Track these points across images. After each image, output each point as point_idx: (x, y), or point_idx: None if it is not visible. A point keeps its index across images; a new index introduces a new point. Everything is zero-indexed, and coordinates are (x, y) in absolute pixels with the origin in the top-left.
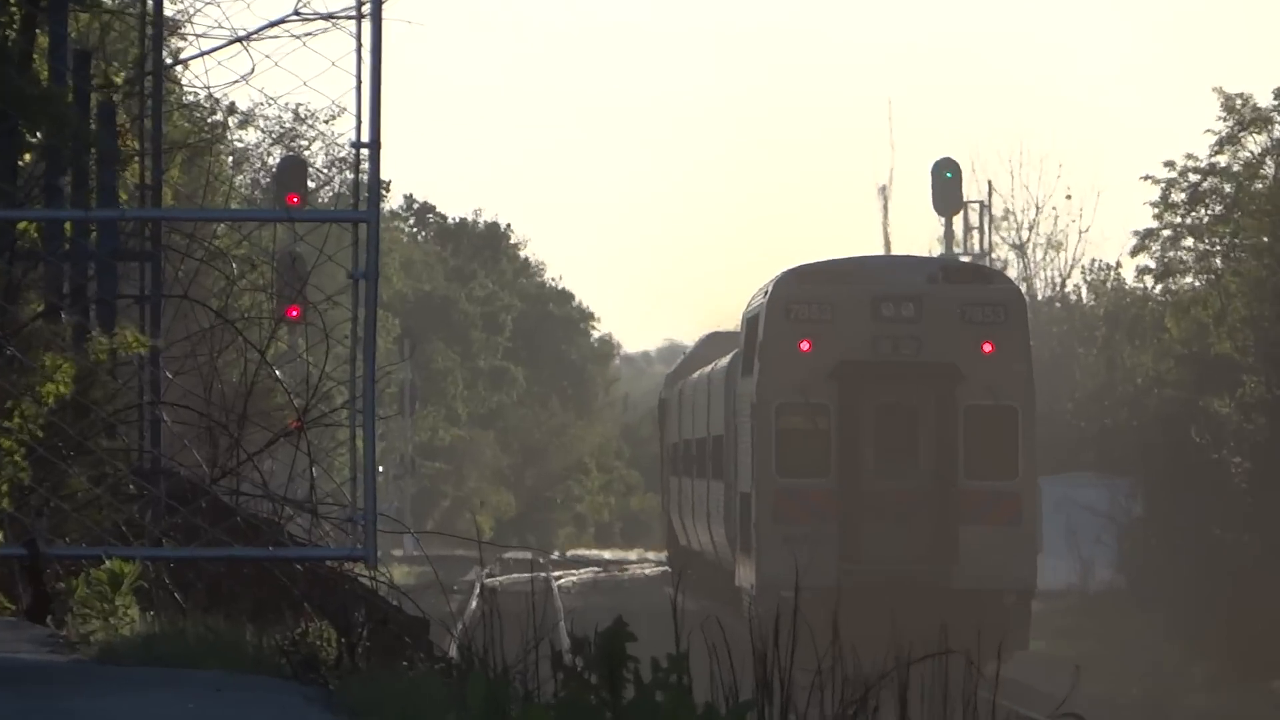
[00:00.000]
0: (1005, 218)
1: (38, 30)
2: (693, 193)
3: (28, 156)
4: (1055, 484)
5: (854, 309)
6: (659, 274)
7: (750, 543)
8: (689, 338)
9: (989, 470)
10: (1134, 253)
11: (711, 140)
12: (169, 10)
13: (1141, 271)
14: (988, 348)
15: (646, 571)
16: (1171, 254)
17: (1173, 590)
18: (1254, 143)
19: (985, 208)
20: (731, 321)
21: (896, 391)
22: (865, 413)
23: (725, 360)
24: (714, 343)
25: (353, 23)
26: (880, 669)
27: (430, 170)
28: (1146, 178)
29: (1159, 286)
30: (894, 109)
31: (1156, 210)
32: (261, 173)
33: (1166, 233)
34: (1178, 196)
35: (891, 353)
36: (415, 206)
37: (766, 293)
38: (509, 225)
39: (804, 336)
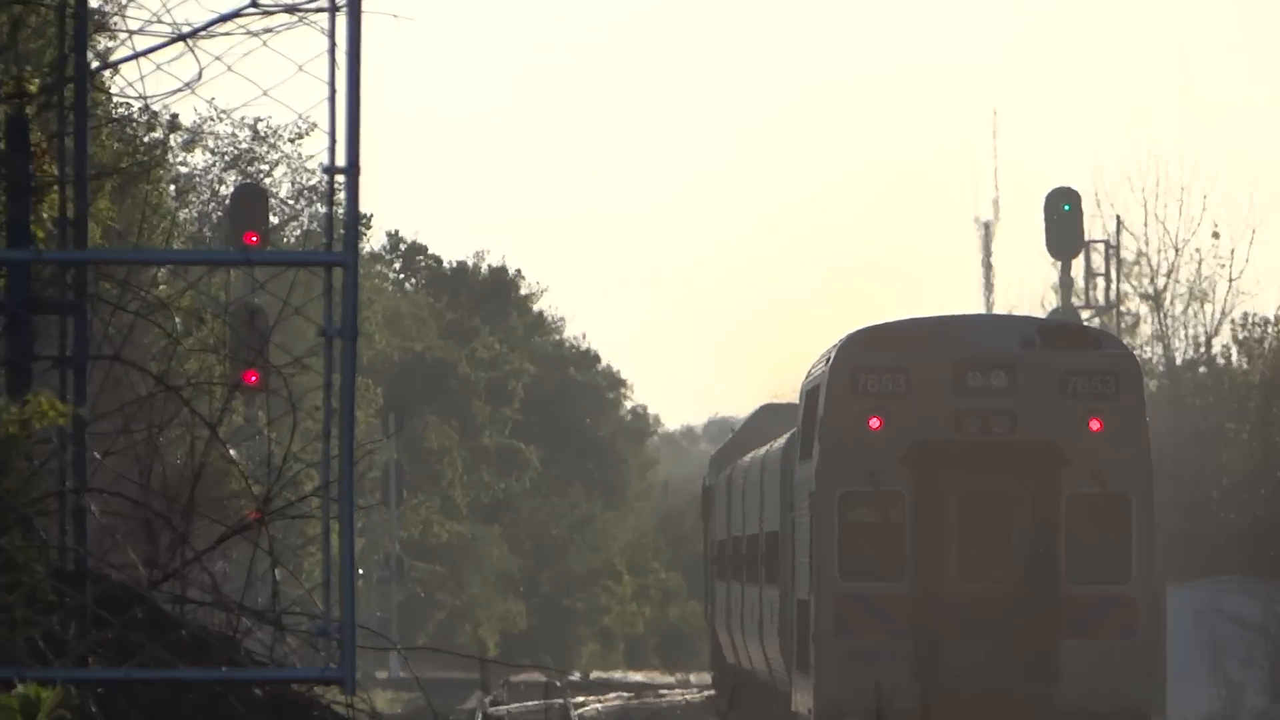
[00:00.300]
0: (1137, 262)
1: None
2: (747, 236)
3: None
4: (1196, 591)
5: (933, 379)
6: (705, 334)
7: (808, 659)
8: (740, 411)
9: (1097, 572)
10: None
11: (770, 171)
12: (96, 1)
13: None
14: (1095, 425)
15: (688, 698)
16: None
17: None
18: None
19: (1112, 249)
20: (791, 393)
21: (985, 478)
22: (947, 503)
23: (782, 440)
24: (768, 417)
25: (324, 16)
26: None
27: (422, 203)
28: None
29: None
30: (999, 124)
31: None
32: (212, 205)
33: None
34: None
35: (979, 431)
36: (402, 248)
37: (829, 359)
38: (519, 271)
39: (873, 412)
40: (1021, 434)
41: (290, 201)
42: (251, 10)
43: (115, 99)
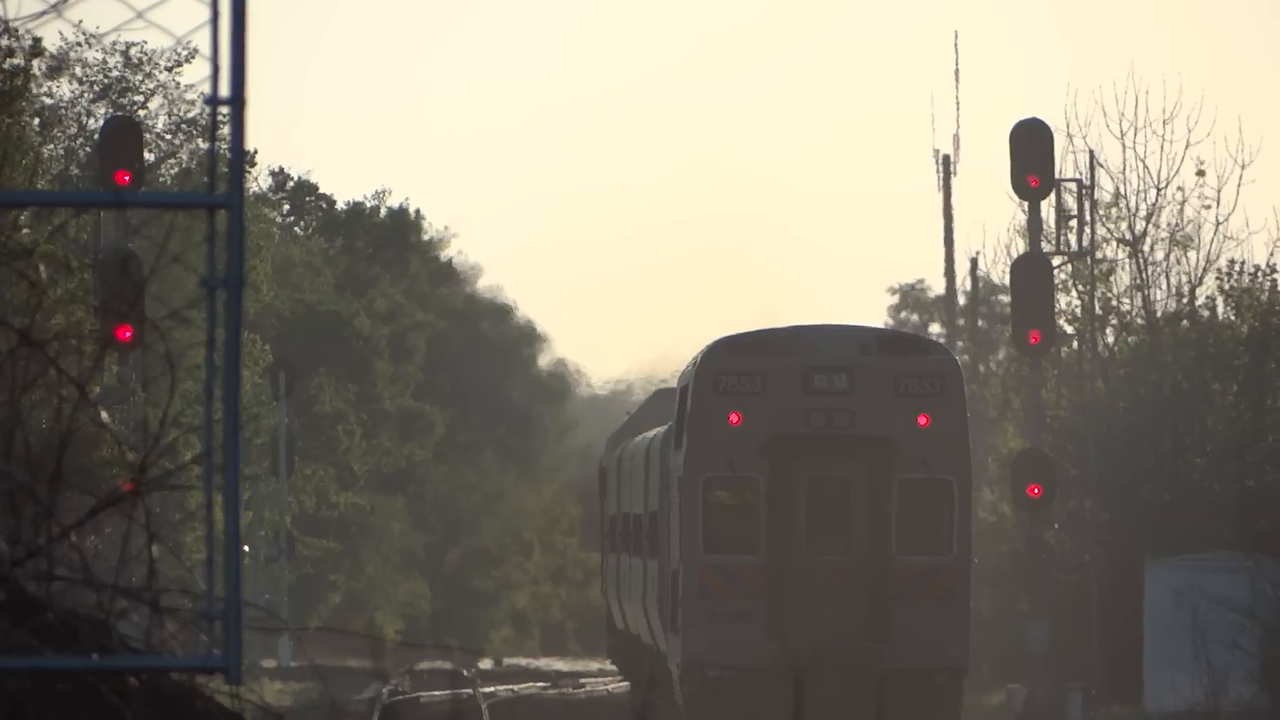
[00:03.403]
0: (1114, 203)
1: None
2: (683, 172)
3: None
4: (1176, 569)
5: (785, 381)
6: (636, 277)
7: (677, 621)
8: (676, 362)
9: (923, 546)
10: None
11: (707, 98)
12: None
13: None
14: (923, 420)
15: (610, 687)
16: None
17: None
18: None
19: (1085, 188)
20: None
21: (828, 465)
22: (796, 487)
23: (662, 430)
24: (662, 402)
25: None
26: None
27: (312, 138)
28: None
29: None
30: (961, 48)
31: None
32: (80, 140)
33: None
34: None
35: (824, 426)
36: (289, 187)
37: (696, 364)
38: (419, 212)
39: (733, 409)
40: (860, 428)
41: (167, 137)
42: None
43: None
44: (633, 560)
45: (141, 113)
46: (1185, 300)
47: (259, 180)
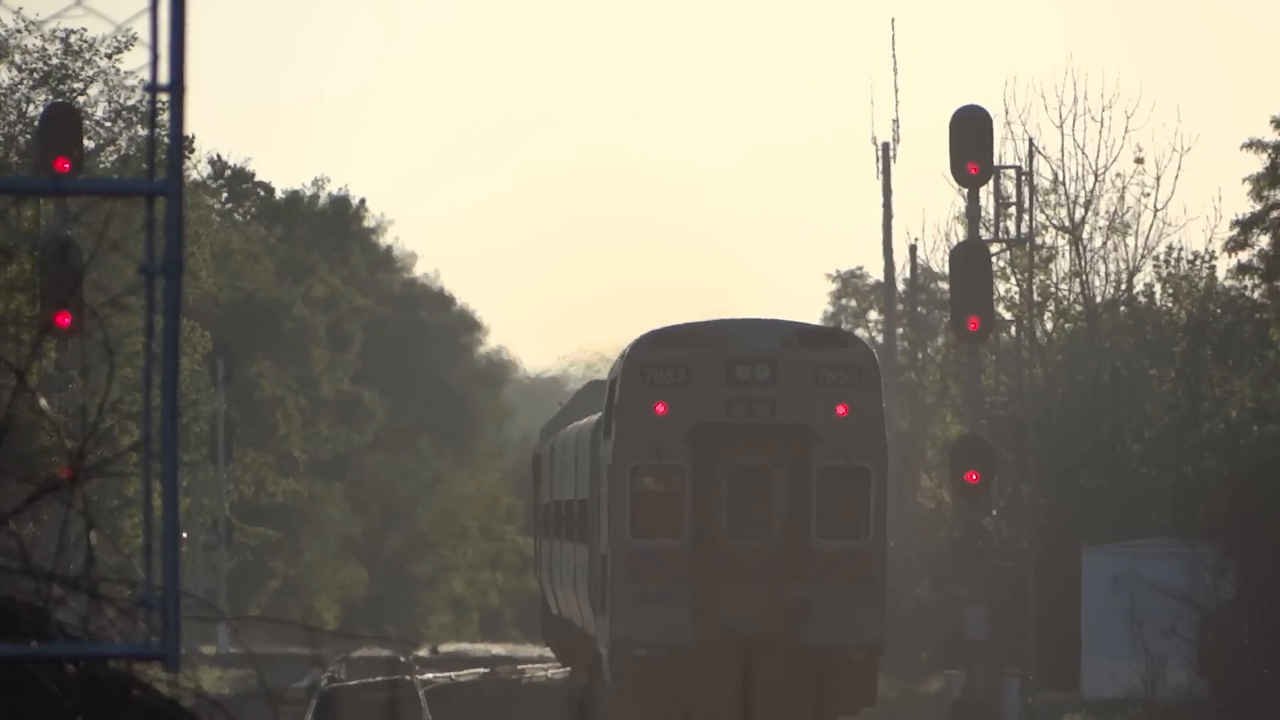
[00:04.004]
0: (1053, 189)
1: None
2: (621, 159)
3: None
4: (1114, 555)
5: (709, 372)
6: (575, 266)
7: (606, 603)
8: (613, 350)
9: (841, 530)
10: (1231, 248)
11: (647, 82)
12: None
13: (1239, 270)
14: (841, 410)
15: (550, 673)
16: None
17: (1272, 701)
18: None
19: (1024, 175)
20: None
21: (751, 453)
22: (719, 474)
23: (592, 419)
24: (594, 393)
25: None
26: None
27: (250, 126)
28: (1250, 145)
29: (1262, 288)
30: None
31: (1258, 186)
32: (19, 127)
33: (1276, 214)
34: None
35: (746, 415)
36: (228, 174)
37: (624, 355)
38: (362, 201)
39: (659, 399)
40: (780, 417)
41: (107, 124)
42: None
43: None
44: (565, 546)
45: (81, 100)
46: (1124, 287)
47: (198, 168)
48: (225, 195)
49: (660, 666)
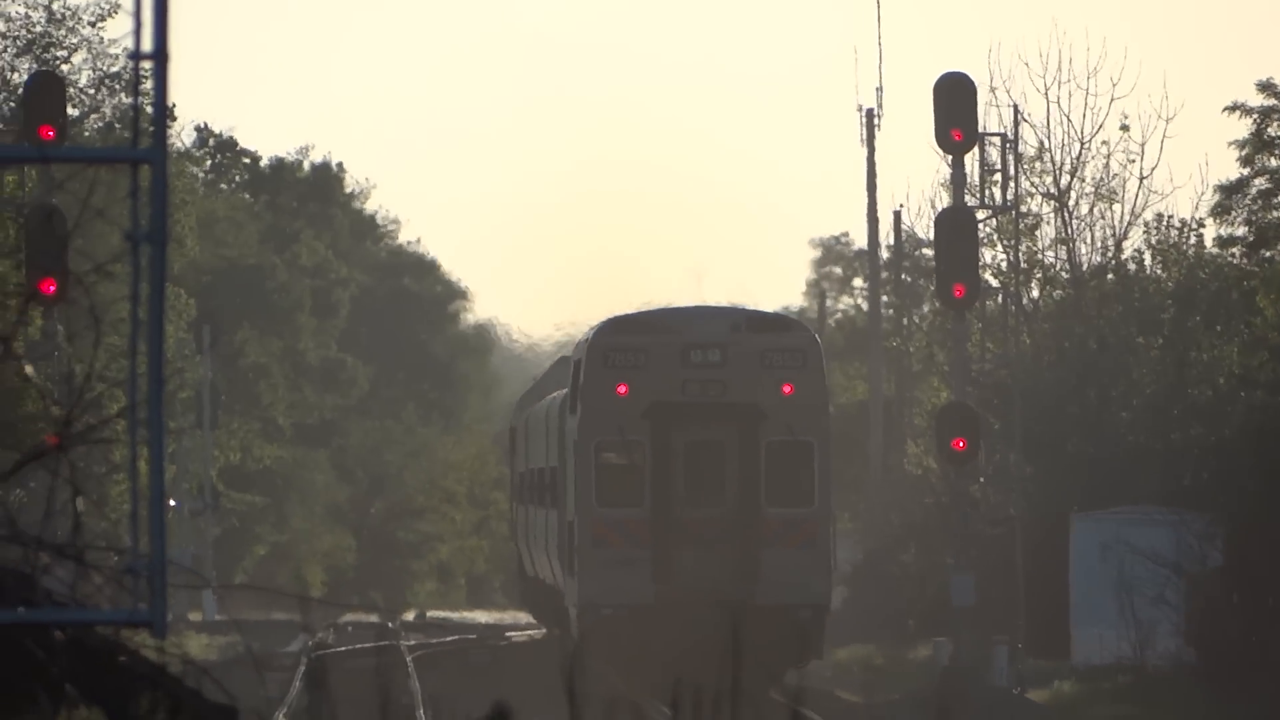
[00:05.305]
0: (1038, 157)
1: None
2: (604, 125)
3: None
4: (1102, 522)
5: (665, 356)
6: (559, 234)
7: (574, 566)
8: (594, 316)
9: (788, 499)
10: (1217, 213)
11: (629, 49)
12: None
13: (1224, 241)
14: (787, 389)
15: (536, 636)
16: (1269, 215)
17: (1259, 667)
18: None
19: (1010, 143)
20: (640, 298)
21: (704, 429)
22: (676, 449)
23: (560, 395)
24: (564, 369)
25: None
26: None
27: (234, 94)
28: (1234, 108)
29: (1249, 256)
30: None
31: (1245, 152)
32: (3, 95)
33: (1261, 182)
34: (1278, 132)
35: (699, 394)
36: (212, 142)
37: (588, 341)
38: (340, 165)
39: (621, 380)
40: (731, 397)
41: (91, 91)
42: None
43: None
44: (538, 511)
45: (65, 68)
46: (1110, 255)
47: (182, 136)
48: (210, 163)
49: (625, 624)
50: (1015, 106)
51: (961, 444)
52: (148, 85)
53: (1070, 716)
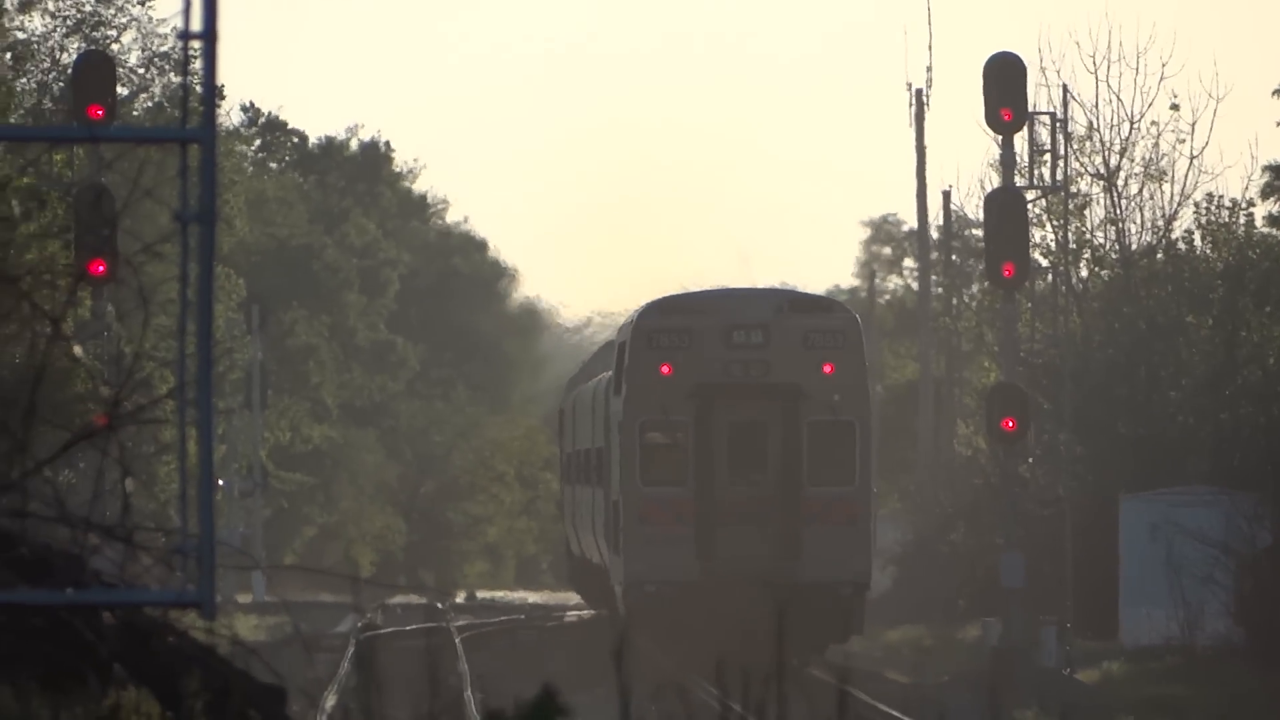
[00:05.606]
0: (1088, 137)
1: None
2: (653, 105)
3: None
4: (1152, 503)
5: (709, 337)
6: (607, 216)
7: (619, 544)
8: (642, 297)
9: (829, 478)
10: (1267, 193)
11: (679, 29)
12: None
13: (1275, 220)
14: (828, 369)
15: (584, 616)
16: None
17: None
18: None
19: (1059, 122)
20: (688, 279)
21: (747, 409)
22: (719, 428)
23: (608, 375)
24: (610, 352)
25: None
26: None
27: (282, 74)
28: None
29: None
30: None
31: None
32: (53, 74)
33: None
34: None
35: (742, 375)
36: (261, 122)
37: (632, 323)
38: (388, 144)
39: (664, 361)
40: (774, 377)
41: (140, 71)
42: None
43: None
44: (585, 490)
45: (115, 47)
46: (1160, 234)
47: (231, 115)
48: (258, 143)
49: (668, 601)
50: (1065, 86)
51: (1011, 424)
52: (197, 65)
53: (1119, 697)
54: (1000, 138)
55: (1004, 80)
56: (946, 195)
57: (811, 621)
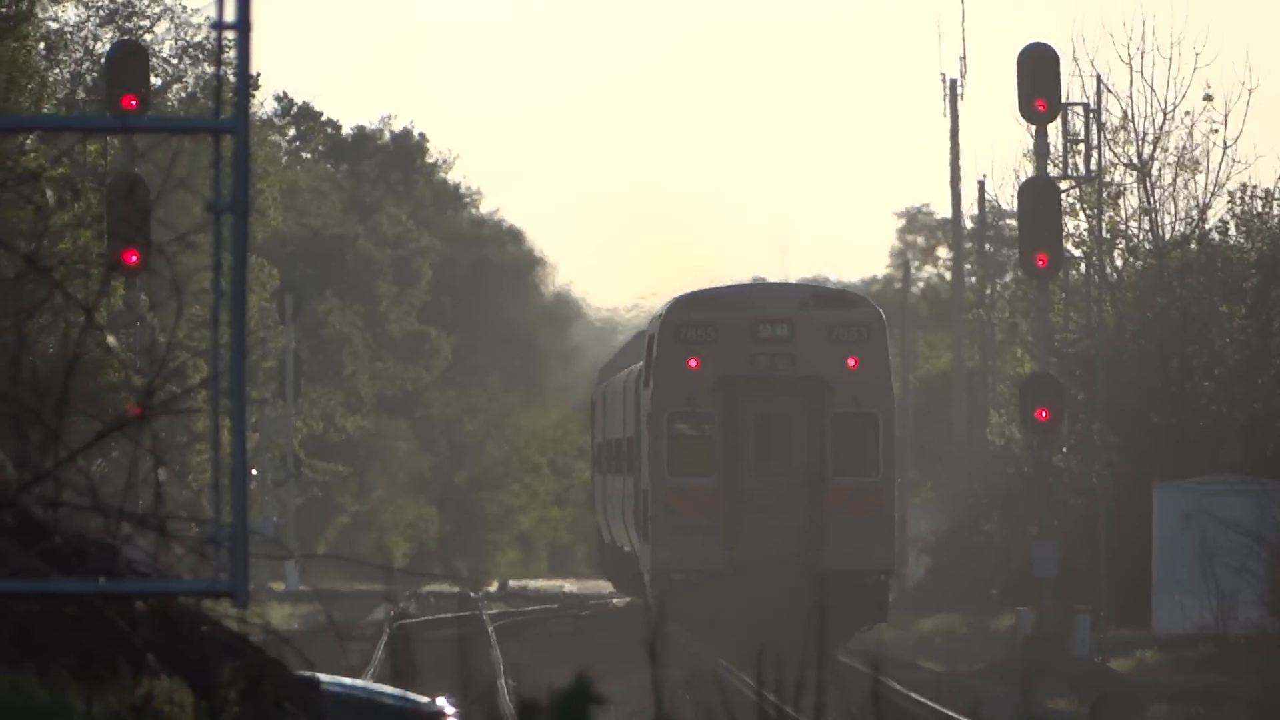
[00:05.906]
0: (1122, 127)
1: None
2: (687, 96)
3: None
4: (1185, 491)
5: (735, 331)
6: (642, 207)
7: (648, 533)
8: (675, 288)
9: (853, 469)
10: None
11: (713, 19)
12: None
13: None
14: (852, 363)
15: (618, 605)
16: None
17: None
18: None
19: (1093, 113)
20: (722, 270)
21: (773, 402)
22: (745, 420)
23: (638, 367)
24: (641, 343)
25: None
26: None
27: (316, 64)
28: None
29: None
30: None
31: None
32: (86, 64)
33: None
34: None
35: (768, 368)
36: (295, 111)
37: (660, 317)
38: (423, 136)
39: (692, 355)
40: (799, 370)
41: (173, 61)
42: None
43: None
44: (615, 479)
45: (148, 37)
46: (1194, 224)
47: (264, 105)
48: (292, 133)
49: (696, 589)
50: (1099, 76)
51: (1044, 414)
52: (230, 55)
53: (1152, 686)
54: (1034, 128)
55: (1038, 71)
56: (981, 185)
57: (836, 610)
